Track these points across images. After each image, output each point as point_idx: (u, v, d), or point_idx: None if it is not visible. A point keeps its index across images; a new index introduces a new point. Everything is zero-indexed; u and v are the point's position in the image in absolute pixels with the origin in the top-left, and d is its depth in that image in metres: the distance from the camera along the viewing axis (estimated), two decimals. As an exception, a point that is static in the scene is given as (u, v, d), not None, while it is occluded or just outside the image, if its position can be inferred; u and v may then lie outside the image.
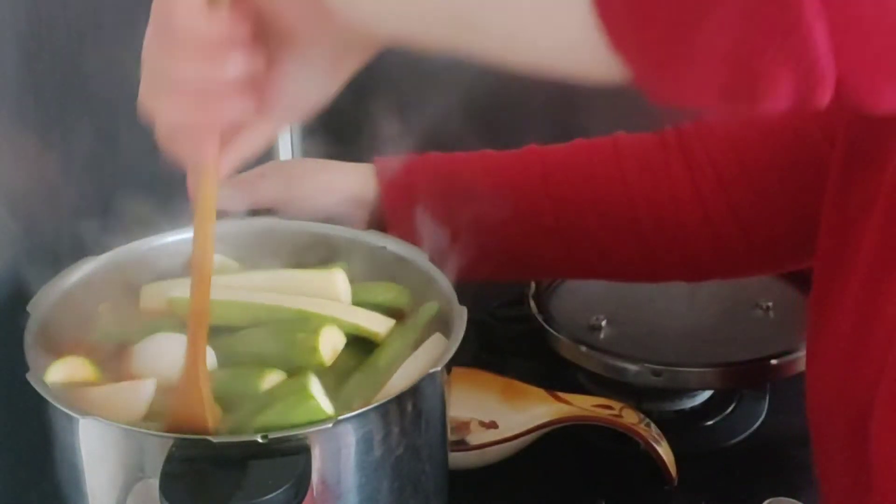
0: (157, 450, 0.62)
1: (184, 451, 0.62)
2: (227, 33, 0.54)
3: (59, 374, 0.72)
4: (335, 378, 0.73)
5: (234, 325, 0.75)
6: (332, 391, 0.71)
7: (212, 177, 0.60)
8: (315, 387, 0.66)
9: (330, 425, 0.64)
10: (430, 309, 0.79)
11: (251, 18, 0.55)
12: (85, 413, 0.65)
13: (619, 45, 0.41)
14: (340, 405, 0.68)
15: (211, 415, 0.64)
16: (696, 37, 0.39)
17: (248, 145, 0.61)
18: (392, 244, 0.83)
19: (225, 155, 0.60)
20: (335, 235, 0.84)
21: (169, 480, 0.60)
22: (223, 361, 0.72)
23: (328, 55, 0.57)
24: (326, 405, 0.65)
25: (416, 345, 0.76)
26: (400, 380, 0.72)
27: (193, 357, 0.65)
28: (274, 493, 0.59)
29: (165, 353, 0.73)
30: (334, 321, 0.75)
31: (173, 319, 0.76)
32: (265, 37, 0.56)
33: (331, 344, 0.74)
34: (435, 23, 0.50)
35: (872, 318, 0.66)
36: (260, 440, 0.62)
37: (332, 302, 0.78)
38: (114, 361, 0.75)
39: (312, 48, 0.57)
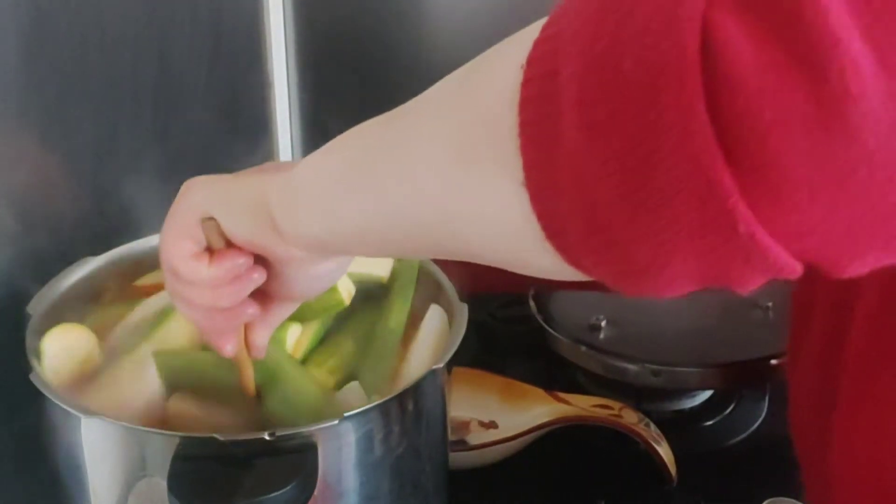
0: (159, 448, 0.62)
1: (190, 450, 0.62)
2: (225, 273, 0.60)
3: (57, 342, 0.73)
4: (355, 346, 0.79)
5: None
6: (356, 360, 0.76)
7: (243, 355, 0.68)
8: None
9: (336, 422, 0.64)
10: (411, 264, 0.83)
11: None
12: (88, 412, 0.65)
13: (587, 272, 0.43)
14: (371, 376, 0.74)
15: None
16: (658, 277, 0.41)
17: (275, 318, 0.67)
18: None
19: (256, 330, 0.67)
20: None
21: (177, 478, 0.61)
22: None
23: (327, 263, 0.62)
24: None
25: (415, 304, 0.81)
26: (414, 359, 0.76)
27: None
28: (281, 491, 0.59)
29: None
30: None
31: None
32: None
33: (345, 287, 0.79)
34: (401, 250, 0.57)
35: (842, 329, 0.66)
36: (267, 437, 0.62)
37: None
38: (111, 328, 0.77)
39: (310, 266, 0.61)
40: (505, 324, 1.14)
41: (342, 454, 0.66)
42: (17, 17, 0.80)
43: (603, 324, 1.05)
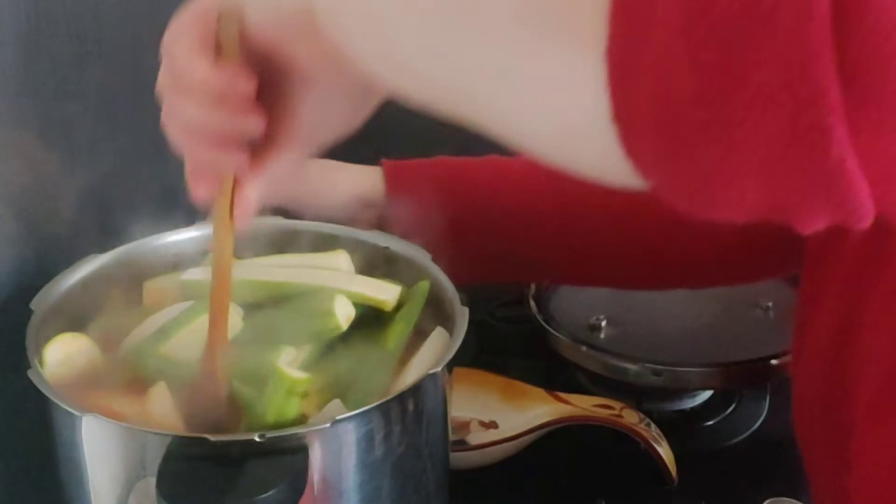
0: (159, 448, 0.62)
1: (182, 450, 0.62)
2: (224, 84, 0.54)
3: (59, 351, 0.72)
4: (348, 365, 0.75)
5: (246, 303, 0.76)
6: (347, 379, 0.73)
7: (223, 207, 0.61)
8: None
9: (327, 425, 0.64)
10: (423, 288, 0.80)
11: (258, 72, 0.55)
12: (87, 411, 0.65)
13: (643, 171, 0.39)
14: (359, 393, 0.71)
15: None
16: (719, 191, 0.37)
17: (272, 172, 0.61)
18: (396, 244, 0.83)
19: (246, 184, 0.60)
20: (340, 235, 0.84)
21: (166, 478, 0.61)
22: (244, 339, 0.73)
23: (347, 92, 0.57)
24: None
25: (419, 328, 0.78)
26: (409, 377, 0.73)
27: (213, 338, 0.66)
28: (270, 492, 0.59)
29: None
30: (343, 292, 0.77)
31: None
32: (282, 75, 0.56)
33: (344, 311, 0.76)
34: (430, 85, 0.48)
35: (852, 327, 0.66)
36: (257, 439, 0.62)
37: (338, 274, 0.80)
38: (116, 341, 0.76)
39: (330, 86, 0.56)
40: (505, 324, 1.14)
41: (342, 454, 0.66)
42: (17, 17, 0.80)
43: (603, 324, 1.05)
